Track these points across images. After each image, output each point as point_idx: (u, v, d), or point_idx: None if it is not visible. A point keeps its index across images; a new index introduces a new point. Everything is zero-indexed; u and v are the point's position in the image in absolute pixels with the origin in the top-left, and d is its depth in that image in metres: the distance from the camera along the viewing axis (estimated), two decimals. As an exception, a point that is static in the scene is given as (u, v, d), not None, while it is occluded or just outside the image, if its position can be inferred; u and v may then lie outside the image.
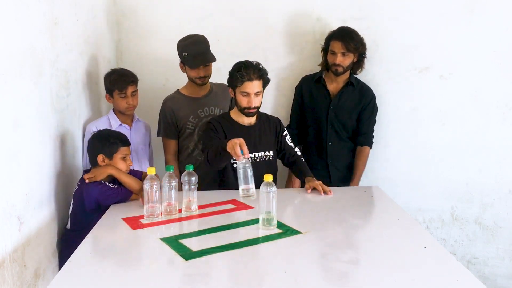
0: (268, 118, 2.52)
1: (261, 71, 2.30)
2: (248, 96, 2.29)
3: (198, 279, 1.52)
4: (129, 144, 2.34)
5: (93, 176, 2.17)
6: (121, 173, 2.24)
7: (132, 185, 2.23)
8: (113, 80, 2.58)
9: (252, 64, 2.29)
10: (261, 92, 2.33)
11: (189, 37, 2.65)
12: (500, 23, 2.97)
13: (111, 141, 2.25)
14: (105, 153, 2.24)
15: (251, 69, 2.26)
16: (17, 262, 1.81)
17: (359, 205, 2.28)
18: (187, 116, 2.69)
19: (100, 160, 2.24)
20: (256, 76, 2.27)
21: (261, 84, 2.30)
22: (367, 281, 1.48)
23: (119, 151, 2.26)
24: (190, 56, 2.60)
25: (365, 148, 2.94)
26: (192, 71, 2.64)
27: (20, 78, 1.85)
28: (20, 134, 1.86)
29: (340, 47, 2.73)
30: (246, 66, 2.27)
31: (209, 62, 2.63)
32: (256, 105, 2.32)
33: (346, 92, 2.87)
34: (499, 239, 3.17)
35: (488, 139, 3.07)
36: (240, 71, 2.27)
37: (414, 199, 3.16)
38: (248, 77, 2.26)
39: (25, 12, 1.90)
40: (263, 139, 2.44)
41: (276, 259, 1.67)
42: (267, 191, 1.83)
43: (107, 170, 2.21)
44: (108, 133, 2.30)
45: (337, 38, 2.75)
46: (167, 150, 2.78)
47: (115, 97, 2.58)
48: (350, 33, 2.76)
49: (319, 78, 2.91)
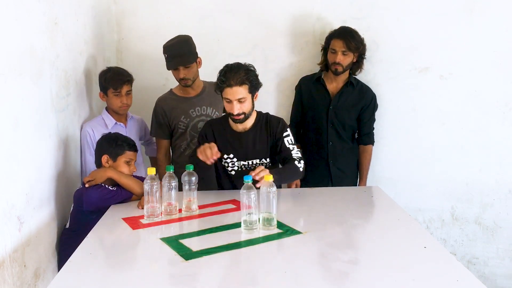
0: (267, 121, 2.34)
1: (246, 76, 2.12)
2: (230, 103, 2.15)
3: (198, 279, 1.52)
4: (137, 151, 2.32)
5: (92, 179, 2.16)
6: (121, 175, 2.21)
7: (132, 187, 2.21)
8: (108, 78, 2.56)
9: (234, 68, 2.14)
10: (247, 98, 2.16)
11: (174, 38, 2.64)
12: (500, 23, 2.97)
13: (118, 143, 2.24)
14: (110, 154, 2.24)
15: (232, 74, 2.11)
16: (17, 262, 1.81)
17: (359, 205, 2.27)
18: (178, 116, 2.70)
19: (104, 160, 2.24)
20: (237, 82, 2.10)
21: (245, 89, 2.13)
22: (367, 281, 1.48)
23: (125, 155, 2.25)
24: (168, 57, 2.60)
25: (369, 147, 2.97)
26: (173, 72, 2.64)
27: (20, 78, 1.85)
28: (20, 134, 1.86)
29: (341, 46, 2.73)
30: (227, 71, 2.13)
31: (183, 65, 2.59)
32: (238, 112, 2.16)
33: (346, 92, 2.88)
34: (499, 239, 3.17)
35: (488, 139, 3.07)
36: (221, 76, 2.14)
37: (414, 199, 3.16)
38: (228, 83, 2.11)
39: (25, 12, 1.90)
40: (257, 146, 2.31)
41: (276, 259, 1.67)
42: (267, 191, 1.83)
43: (106, 173, 2.19)
44: (117, 136, 2.30)
45: (338, 37, 2.76)
46: (159, 150, 2.79)
47: (110, 95, 2.57)
48: (351, 32, 2.77)
49: (318, 78, 2.92)
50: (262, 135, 2.32)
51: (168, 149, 2.79)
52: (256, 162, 2.32)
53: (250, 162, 2.32)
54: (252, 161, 2.32)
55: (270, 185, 1.83)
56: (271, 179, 1.84)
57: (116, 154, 2.24)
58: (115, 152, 2.24)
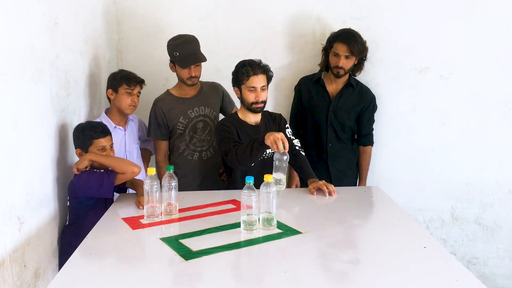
0: (270, 114, 2.56)
1: (265, 67, 2.37)
2: (255, 90, 2.34)
3: (198, 279, 1.52)
4: (107, 135, 2.28)
5: (76, 167, 2.17)
6: (100, 156, 2.19)
7: (114, 164, 2.17)
8: (123, 75, 2.58)
9: (253, 61, 2.37)
10: (266, 87, 2.38)
11: (180, 37, 2.64)
12: (500, 23, 2.97)
13: (85, 133, 2.23)
14: (81, 147, 2.24)
15: (255, 64, 2.35)
16: (17, 262, 1.81)
17: (359, 205, 2.28)
18: (177, 117, 2.69)
19: (77, 153, 2.25)
20: (261, 71, 2.34)
21: (265, 79, 2.37)
22: (367, 281, 1.48)
23: (94, 144, 2.22)
24: (181, 56, 2.59)
25: (368, 148, 2.97)
26: (182, 71, 2.63)
27: (20, 78, 1.85)
28: (20, 134, 1.86)
29: (345, 50, 2.71)
30: (250, 62, 2.36)
31: (200, 62, 2.63)
32: (263, 99, 2.37)
33: (345, 93, 2.87)
34: (499, 239, 3.17)
35: (488, 139, 3.07)
36: (245, 66, 2.34)
37: (414, 199, 3.16)
38: (254, 72, 2.32)
39: (25, 12, 1.90)
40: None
41: (276, 259, 1.67)
42: (267, 191, 1.83)
43: (86, 156, 2.18)
44: (84, 126, 2.27)
45: (342, 41, 2.72)
46: (158, 151, 2.78)
47: (121, 92, 2.55)
48: (355, 36, 2.74)
49: (318, 79, 2.91)
50: (271, 126, 2.49)
51: (167, 150, 2.78)
52: (268, 152, 2.40)
53: (268, 151, 2.41)
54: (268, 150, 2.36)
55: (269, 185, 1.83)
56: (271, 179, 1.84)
57: (86, 145, 2.23)
58: (84, 143, 2.23)
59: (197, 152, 2.73)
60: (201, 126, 2.72)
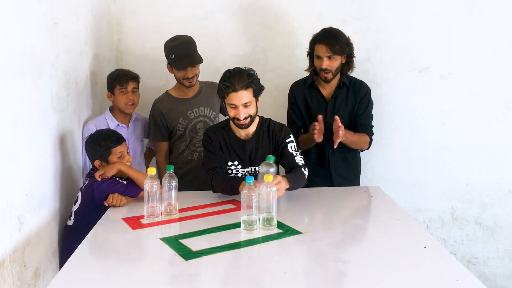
0: (269, 127, 2.32)
1: (249, 79, 2.10)
2: (236, 108, 2.12)
3: (198, 279, 1.53)
4: (122, 141, 2.30)
5: (103, 172, 2.18)
6: (129, 169, 2.25)
7: (141, 181, 2.19)
8: (115, 75, 2.61)
9: (238, 73, 2.11)
10: (252, 102, 2.14)
11: (176, 38, 2.64)
12: (500, 23, 2.97)
13: (102, 145, 2.24)
14: (100, 158, 2.25)
15: (236, 79, 2.08)
16: (17, 262, 1.81)
17: (359, 205, 2.28)
18: (177, 118, 2.69)
19: (97, 165, 2.25)
20: (242, 86, 2.08)
21: (250, 93, 2.12)
22: (367, 281, 1.48)
23: (113, 153, 2.25)
24: (177, 58, 2.59)
25: (364, 135, 2.72)
26: (179, 72, 2.63)
27: (20, 78, 1.85)
28: (20, 134, 1.86)
29: (325, 51, 2.57)
30: (230, 76, 2.10)
31: (196, 64, 2.62)
32: (245, 116, 2.14)
33: (340, 94, 2.72)
34: (499, 239, 3.17)
35: (488, 139, 3.07)
36: (224, 81, 2.10)
37: (414, 199, 3.16)
38: (233, 88, 2.08)
39: (25, 12, 1.90)
40: (260, 152, 2.28)
41: (276, 259, 1.67)
42: (267, 191, 1.83)
43: (116, 165, 2.22)
44: (98, 137, 2.28)
45: (321, 42, 2.59)
46: (158, 152, 2.78)
47: (116, 93, 2.59)
48: (334, 34, 2.60)
49: (312, 83, 2.75)
50: (264, 141, 2.30)
51: (167, 151, 2.78)
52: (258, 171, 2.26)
53: (254, 169, 2.30)
54: (256, 167, 2.28)
55: (269, 185, 1.83)
56: (271, 178, 1.84)
57: (104, 155, 2.24)
58: (102, 154, 2.24)
59: (197, 152, 2.73)
60: (201, 127, 2.72)
